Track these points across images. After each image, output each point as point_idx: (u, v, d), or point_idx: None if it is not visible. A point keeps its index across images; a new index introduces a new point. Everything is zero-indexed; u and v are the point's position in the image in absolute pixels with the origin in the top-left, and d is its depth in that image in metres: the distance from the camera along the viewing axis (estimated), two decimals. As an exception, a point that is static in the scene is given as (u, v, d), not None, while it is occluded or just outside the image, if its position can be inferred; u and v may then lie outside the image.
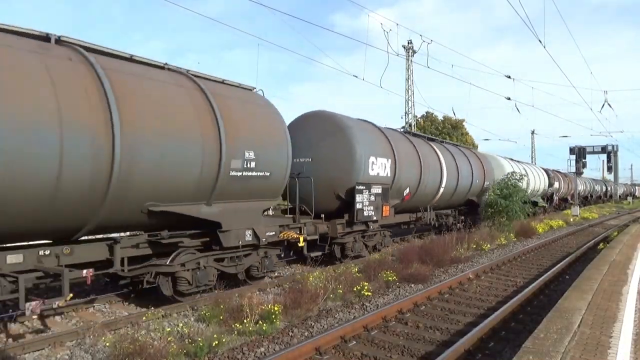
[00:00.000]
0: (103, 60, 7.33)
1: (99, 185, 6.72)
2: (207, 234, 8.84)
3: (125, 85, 7.20)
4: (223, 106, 8.68)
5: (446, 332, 7.54)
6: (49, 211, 6.39)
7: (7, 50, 6.10)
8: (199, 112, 8.23)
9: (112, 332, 7.05)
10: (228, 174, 8.55)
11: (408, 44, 37.82)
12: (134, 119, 7.07)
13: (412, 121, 39.25)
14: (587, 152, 73.92)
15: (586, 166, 39.05)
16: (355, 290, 9.57)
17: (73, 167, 6.36)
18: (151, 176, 7.38)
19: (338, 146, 12.28)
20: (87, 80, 6.74)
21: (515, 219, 21.42)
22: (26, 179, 5.95)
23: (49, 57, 6.56)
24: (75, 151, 6.36)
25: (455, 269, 12.90)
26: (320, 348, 6.40)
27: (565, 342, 5.28)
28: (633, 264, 11.03)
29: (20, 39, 6.56)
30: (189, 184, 8.02)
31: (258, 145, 9.22)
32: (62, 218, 6.66)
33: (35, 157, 6.00)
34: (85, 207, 6.78)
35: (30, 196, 6.06)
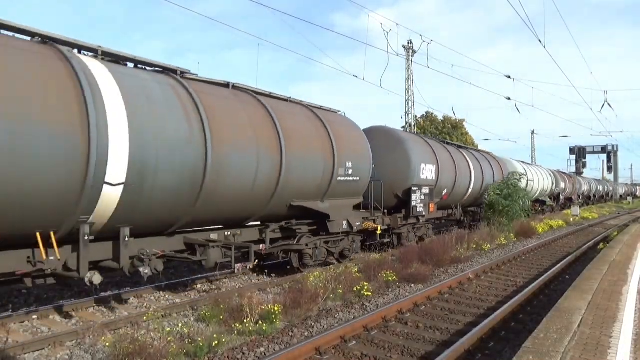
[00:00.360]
0: (266, 100, 10.51)
1: (271, 188, 9.78)
2: (316, 223, 11.69)
3: (285, 122, 10.30)
4: (333, 130, 11.74)
5: (446, 332, 7.54)
6: (245, 206, 9.56)
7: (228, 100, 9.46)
8: (321, 136, 11.37)
9: (112, 332, 7.05)
10: (336, 179, 11.59)
11: (408, 44, 37.80)
12: (291, 145, 10.17)
13: (412, 121, 39.25)
14: (587, 152, 74.18)
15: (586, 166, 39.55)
16: (355, 290, 9.57)
17: (261, 176, 9.43)
18: (296, 182, 10.42)
19: (398, 156, 15.22)
20: (268, 119, 9.90)
21: (516, 218, 21.44)
22: (241, 184, 9.07)
23: (244, 102, 9.84)
24: (263, 166, 9.44)
25: (455, 269, 12.91)
26: (320, 348, 6.39)
27: (565, 342, 5.28)
28: (633, 264, 11.03)
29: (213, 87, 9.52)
30: (313, 187, 11.08)
31: (353, 157, 12.19)
32: (247, 211, 9.82)
33: (247, 171, 9.14)
34: (261, 204, 9.87)
35: (239, 195, 9.16)
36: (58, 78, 6.34)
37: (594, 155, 75.18)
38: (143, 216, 7.56)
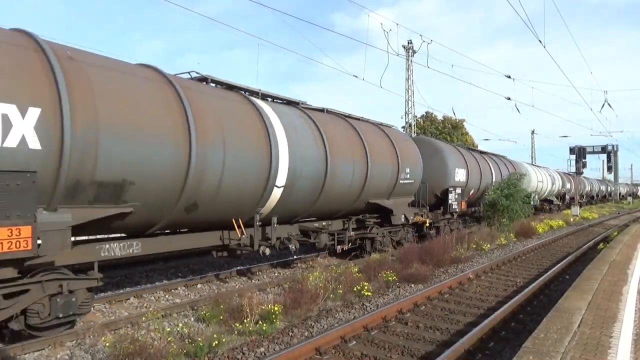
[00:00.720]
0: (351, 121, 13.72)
1: (359, 190, 12.82)
2: (380, 217, 14.61)
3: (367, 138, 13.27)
4: (397, 143, 14.83)
5: (446, 332, 7.54)
6: (342, 203, 12.68)
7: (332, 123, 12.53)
8: (390, 149, 14.42)
9: (112, 332, 7.05)
10: (399, 182, 14.63)
11: (408, 44, 37.80)
12: (372, 157, 13.15)
13: (412, 121, 39.24)
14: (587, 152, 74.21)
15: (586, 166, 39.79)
16: (355, 290, 9.57)
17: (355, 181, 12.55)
18: (374, 185, 13.41)
19: (437, 162, 18.05)
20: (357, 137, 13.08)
21: (517, 218, 21.46)
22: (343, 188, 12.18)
23: (340, 124, 12.96)
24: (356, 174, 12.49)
25: (455, 269, 12.90)
26: (320, 348, 6.39)
27: (565, 342, 5.28)
28: (633, 264, 11.03)
29: (320, 113, 12.64)
30: (384, 188, 14.15)
31: (410, 164, 15.26)
32: (342, 207, 12.86)
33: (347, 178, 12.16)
34: (352, 201, 12.93)
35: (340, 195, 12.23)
36: (257, 119, 9.74)
37: (594, 155, 75.17)
38: (286, 209, 10.67)
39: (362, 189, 12.85)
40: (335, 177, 11.55)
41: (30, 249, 5.78)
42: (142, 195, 7.33)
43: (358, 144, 12.84)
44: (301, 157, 10.50)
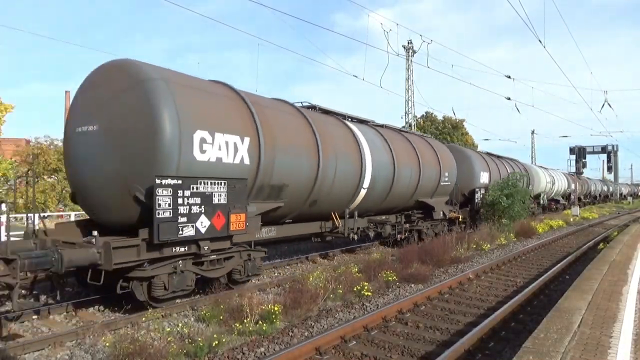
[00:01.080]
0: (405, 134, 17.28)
1: (413, 190, 15.94)
2: (423, 213, 17.46)
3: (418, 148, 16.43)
4: (439, 152, 17.99)
5: (446, 332, 7.54)
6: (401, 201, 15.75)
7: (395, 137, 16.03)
8: (435, 157, 17.48)
9: (112, 332, 7.05)
10: (440, 184, 17.65)
11: (408, 44, 37.82)
12: (424, 163, 16.25)
13: (412, 121, 39.23)
14: (587, 152, 74.24)
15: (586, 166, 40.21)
16: (355, 290, 9.57)
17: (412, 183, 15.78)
18: (424, 186, 16.43)
19: (466, 166, 20.75)
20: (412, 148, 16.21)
21: (517, 218, 21.47)
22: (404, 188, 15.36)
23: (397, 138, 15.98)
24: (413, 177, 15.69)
25: (455, 269, 12.90)
26: (320, 348, 6.39)
27: (565, 342, 5.27)
28: (633, 264, 11.03)
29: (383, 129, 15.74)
30: (430, 189, 17.11)
31: (448, 169, 18.22)
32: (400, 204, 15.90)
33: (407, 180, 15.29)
34: (407, 199, 16.04)
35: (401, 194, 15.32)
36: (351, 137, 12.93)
37: (594, 155, 75.35)
38: (365, 206, 13.70)
39: (415, 190, 16.07)
40: (399, 180, 14.69)
41: (244, 229, 8.79)
42: (290, 194, 10.39)
43: (413, 153, 16.05)
44: (378, 165, 13.63)
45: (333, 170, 11.53)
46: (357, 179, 12.65)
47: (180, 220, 7.56)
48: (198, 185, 7.84)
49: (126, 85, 7.79)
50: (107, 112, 7.88)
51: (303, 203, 10.98)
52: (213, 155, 8.30)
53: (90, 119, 8.01)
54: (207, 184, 8.01)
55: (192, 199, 7.72)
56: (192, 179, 7.74)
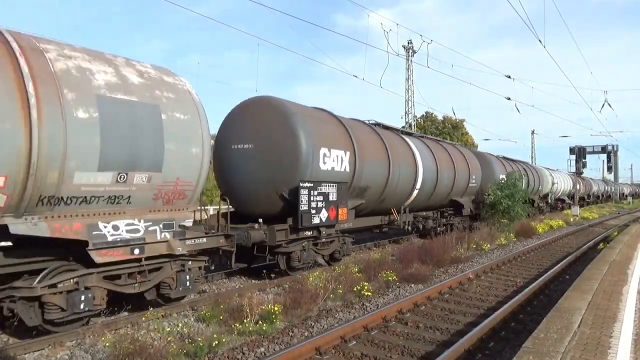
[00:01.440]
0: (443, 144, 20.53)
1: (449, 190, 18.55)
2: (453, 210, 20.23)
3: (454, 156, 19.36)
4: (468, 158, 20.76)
5: (446, 332, 7.54)
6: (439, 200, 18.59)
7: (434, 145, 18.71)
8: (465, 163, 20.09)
9: (112, 332, 7.05)
10: (469, 185, 20.38)
11: (408, 44, 37.82)
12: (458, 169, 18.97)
13: (412, 121, 39.23)
14: (587, 152, 74.25)
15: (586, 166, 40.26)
16: (355, 290, 9.57)
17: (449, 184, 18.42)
18: (458, 187, 19.14)
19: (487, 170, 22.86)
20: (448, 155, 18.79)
21: (517, 218, 21.47)
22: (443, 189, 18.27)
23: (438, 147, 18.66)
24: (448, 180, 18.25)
25: (455, 269, 12.90)
26: (320, 348, 6.39)
27: (565, 342, 5.27)
28: (633, 264, 11.02)
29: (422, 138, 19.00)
30: (461, 189, 19.74)
31: (475, 173, 21.09)
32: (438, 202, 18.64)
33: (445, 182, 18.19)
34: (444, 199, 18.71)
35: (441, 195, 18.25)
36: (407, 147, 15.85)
37: (594, 155, 75.36)
38: (415, 204, 16.56)
39: (450, 190, 18.69)
40: (440, 182, 17.39)
41: (346, 219, 11.93)
42: (369, 193, 13.35)
43: (449, 159, 18.63)
44: (426, 170, 16.35)
45: (397, 175, 14.45)
46: (412, 182, 15.69)
47: (312, 212, 10.65)
48: (321, 187, 10.89)
49: (275, 117, 10.81)
50: (260, 135, 10.83)
51: (376, 201, 14.03)
52: (330, 165, 11.39)
53: (246, 139, 10.94)
54: (326, 186, 11.07)
55: (318, 197, 10.80)
56: (318, 183, 10.79)
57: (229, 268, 9.86)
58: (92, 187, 6.57)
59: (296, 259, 10.90)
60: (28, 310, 6.49)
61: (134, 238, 7.22)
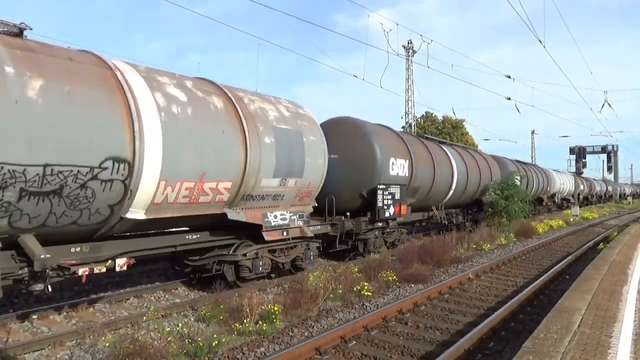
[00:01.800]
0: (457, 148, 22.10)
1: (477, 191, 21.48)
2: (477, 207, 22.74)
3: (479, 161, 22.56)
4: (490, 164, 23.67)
5: (446, 332, 7.54)
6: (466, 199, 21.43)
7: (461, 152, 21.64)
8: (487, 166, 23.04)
9: (112, 332, 7.05)
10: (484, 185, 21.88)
11: (408, 44, 37.79)
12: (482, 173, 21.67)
13: (412, 121, 39.23)
14: (587, 152, 74.31)
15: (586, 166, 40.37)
16: (355, 290, 9.57)
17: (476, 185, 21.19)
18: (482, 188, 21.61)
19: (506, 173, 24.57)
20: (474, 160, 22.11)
21: (515, 218, 21.47)
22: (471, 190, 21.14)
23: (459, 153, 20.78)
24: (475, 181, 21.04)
25: (455, 269, 12.90)
26: (320, 348, 6.39)
27: (565, 342, 5.28)
28: (633, 264, 11.03)
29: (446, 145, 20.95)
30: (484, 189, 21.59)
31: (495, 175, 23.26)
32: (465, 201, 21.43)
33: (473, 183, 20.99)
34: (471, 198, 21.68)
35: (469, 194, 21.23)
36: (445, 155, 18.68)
37: (594, 155, 75.36)
38: (449, 202, 19.18)
39: (477, 190, 21.30)
40: (470, 184, 20.12)
41: (406, 214, 14.91)
42: (419, 193, 16.28)
43: (475, 164, 21.17)
44: (459, 174, 18.90)
45: (439, 178, 17.20)
46: (449, 183, 18.40)
47: (385, 208, 13.57)
48: (390, 188, 13.83)
49: (356, 134, 13.71)
50: (344, 147, 13.37)
51: (423, 199, 16.84)
52: (396, 171, 14.29)
53: (333, 151, 12.52)
54: (394, 187, 14.00)
55: (388, 196, 13.73)
56: (388, 185, 13.77)
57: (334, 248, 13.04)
58: (268, 188, 9.65)
59: (371, 244, 13.94)
60: (228, 270, 9.69)
61: (283, 224, 10.34)
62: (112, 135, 6.64)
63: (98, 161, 6.46)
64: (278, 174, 9.73)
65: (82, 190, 6.40)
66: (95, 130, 6.43)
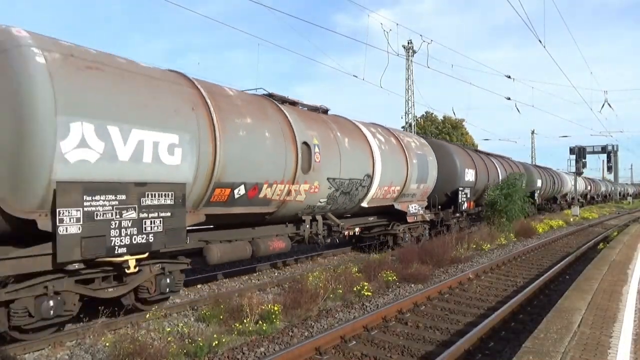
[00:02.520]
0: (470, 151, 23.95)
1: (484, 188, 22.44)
2: None
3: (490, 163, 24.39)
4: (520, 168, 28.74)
5: (446, 332, 7.54)
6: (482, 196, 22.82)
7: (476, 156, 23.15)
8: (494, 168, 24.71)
9: (112, 332, 7.05)
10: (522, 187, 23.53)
11: (408, 44, 37.76)
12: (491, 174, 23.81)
13: (412, 121, 39.22)
14: (587, 152, 74.53)
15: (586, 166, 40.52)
16: (355, 290, 9.57)
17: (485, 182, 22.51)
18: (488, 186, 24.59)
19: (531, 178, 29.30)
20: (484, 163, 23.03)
21: (515, 218, 21.47)
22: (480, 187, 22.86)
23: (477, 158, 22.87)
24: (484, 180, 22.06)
25: (455, 269, 12.90)
26: (320, 348, 6.39)
27: (565, 342, 5.28)
28: (633, 264, 11.03)
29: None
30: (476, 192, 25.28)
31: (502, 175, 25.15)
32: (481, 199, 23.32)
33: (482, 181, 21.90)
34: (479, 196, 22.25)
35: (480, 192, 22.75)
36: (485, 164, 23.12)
37: (594, 155, 75.28)
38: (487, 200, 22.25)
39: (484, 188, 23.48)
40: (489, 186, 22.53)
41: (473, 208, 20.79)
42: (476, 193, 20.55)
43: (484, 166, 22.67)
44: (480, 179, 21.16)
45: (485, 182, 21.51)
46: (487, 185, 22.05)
47: (463, 203, 18.73)
48: (465, 190, 18.91)
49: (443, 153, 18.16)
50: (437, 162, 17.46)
51: (477, 197, 21.01)
52: (468, 178, 19.27)
53: None
54: (467, 189, 19.06)
55: (463, 195, 18.80)
56: (464, 187, 18.66)
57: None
58: (412, 190, 15.21)
59: (454, 229, 18.22)
60: (389, 240, 15.50)
61: (416, 212, 15.87)
62: (367, 163, 12.69)
63: (362, 176, 12.42)
64: (417, 181, 15.36)
65: (355, 191, 12.31)
66: (364, 162, 12.55)
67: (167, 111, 7.15)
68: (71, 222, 5.96)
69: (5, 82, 5.65)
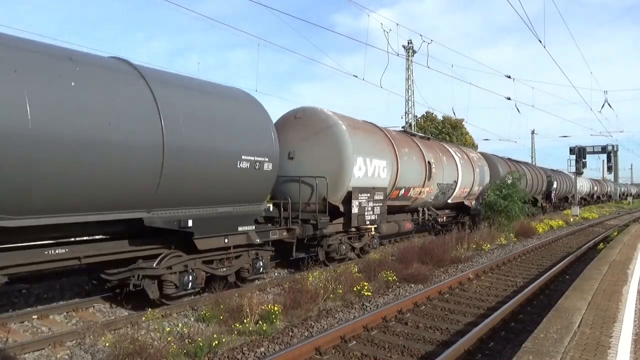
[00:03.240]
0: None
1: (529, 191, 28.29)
2: None
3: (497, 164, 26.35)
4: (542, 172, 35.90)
5: (446, 332, 7.54)
6: None
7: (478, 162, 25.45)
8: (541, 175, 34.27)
9: (112, 332, 7.05)
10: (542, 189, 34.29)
11: (408, 44, 37.80)
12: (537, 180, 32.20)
13: (412, 121, 39.23)
14: (587, 152, 74.51)
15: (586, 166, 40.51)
16: (355, 290, 9.57)
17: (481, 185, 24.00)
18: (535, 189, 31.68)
19: None
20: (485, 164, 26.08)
21: (515, 219, 21.47)
22: None
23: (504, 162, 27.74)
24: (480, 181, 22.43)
25: (455, 269, 12.90)
26: (320, 348, 6.39)
27: (565, 342, 5.28)
28: (633, 264, 11.03)
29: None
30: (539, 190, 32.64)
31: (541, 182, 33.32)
32: None
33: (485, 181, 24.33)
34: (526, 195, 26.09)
35: None
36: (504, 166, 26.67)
37: (594, 155, 75.27)
38: None
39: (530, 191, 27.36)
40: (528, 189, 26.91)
41: None
42: None
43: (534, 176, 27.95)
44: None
45: None
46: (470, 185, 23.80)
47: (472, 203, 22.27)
48: None
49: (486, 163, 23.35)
50: None
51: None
52: None
53: None
54: None
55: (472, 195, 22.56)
56: None
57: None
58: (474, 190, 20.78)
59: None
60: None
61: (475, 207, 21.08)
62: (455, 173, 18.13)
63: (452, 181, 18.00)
64: (478, 185, 20.54)
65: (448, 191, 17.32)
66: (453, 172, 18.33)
67: (382, 149, 13.67)
68: (355, 207, 12.13)
69: (334, 139, 12.04)
